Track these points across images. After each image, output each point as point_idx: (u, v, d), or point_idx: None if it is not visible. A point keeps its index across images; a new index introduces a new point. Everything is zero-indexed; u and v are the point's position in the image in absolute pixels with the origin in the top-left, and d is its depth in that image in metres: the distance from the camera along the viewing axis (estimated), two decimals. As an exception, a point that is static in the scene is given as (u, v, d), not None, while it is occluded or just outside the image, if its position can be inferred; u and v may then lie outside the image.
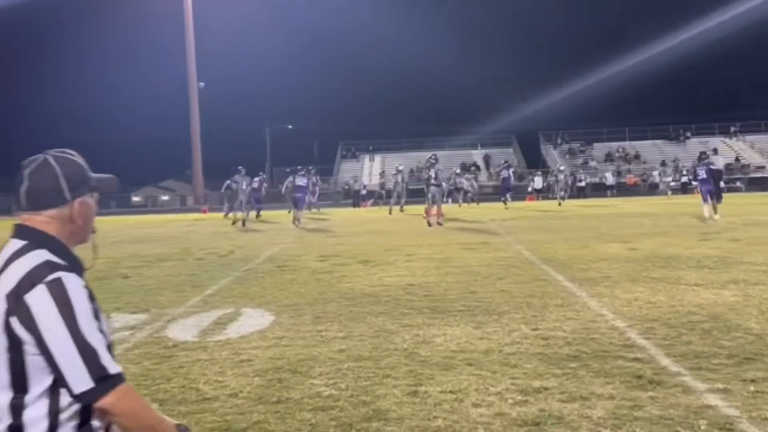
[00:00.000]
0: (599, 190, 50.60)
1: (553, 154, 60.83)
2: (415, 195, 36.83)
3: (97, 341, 1.78)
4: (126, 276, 11.26)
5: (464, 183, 41.98)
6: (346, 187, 55.22)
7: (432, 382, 4.94)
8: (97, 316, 1.84)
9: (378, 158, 63.26)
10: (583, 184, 49.57)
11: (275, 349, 6.10)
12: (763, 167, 54.07)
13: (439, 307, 7.66)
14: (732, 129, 61.31)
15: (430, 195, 22.01)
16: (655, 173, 51.91)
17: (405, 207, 32.07)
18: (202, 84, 60.06)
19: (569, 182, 48.24)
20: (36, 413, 1.77)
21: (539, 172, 50.49)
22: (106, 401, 1.75)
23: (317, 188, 37.68)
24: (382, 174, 48.98)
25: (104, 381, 1.75)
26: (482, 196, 43.43)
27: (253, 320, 7.38)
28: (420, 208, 26.11)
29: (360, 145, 66.05)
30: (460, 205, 37.42)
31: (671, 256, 11.09)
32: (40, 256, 1.83)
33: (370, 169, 60.94)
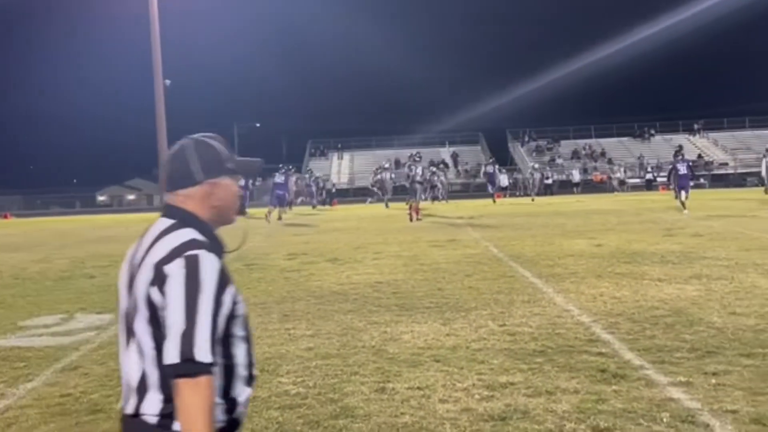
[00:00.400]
0: (566, 187, 51.05)
1: (520, 152, 61.26)
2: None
3: (204, 324, 1.76)
4: (91, 276, 11.12)
5: (436, 180, 42.13)
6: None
7: (399, 378, 4.96)
8: (219, 300, 1.82)
9: (347, 156, 63.19)
10: (550, 181, 49.97)
11: (242, 347, 6.07)
12: (726, 164, 55.03)
13: (406, 304, 7.69)
14: (695, 126, 62.32)
15: (412, 191, 22.82)
16: (621, 171, 52.55)
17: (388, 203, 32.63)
18: (167, 81, 59.33)
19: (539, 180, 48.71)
20: None
21: (503, 170, 50.90)
22: (180, 382, 1.73)
23: (313, 188, 40.18)
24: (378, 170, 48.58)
25: (187, 363, 1.72)
26: (451, 193, 43.59)
27: (221, 319, 7.33)
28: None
29: (329, 143, 65.92)
30: (432, 203, 37.62)
31: (636, 251, 11.25)
32: (188, 233, 1.89)
33: (339, 167, 60.87)
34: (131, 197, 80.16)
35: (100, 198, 77.07)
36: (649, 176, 52.65)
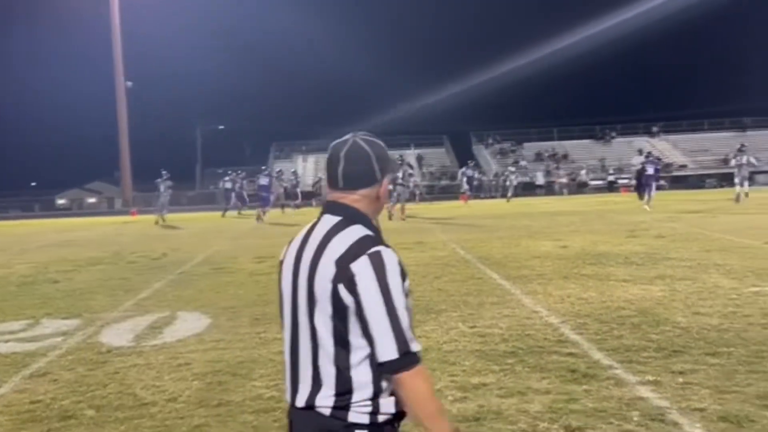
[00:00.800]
0: (529, 189, 51.55)
1: (484, 154, 61.69)
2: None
3: (405, 316, 1.86)
4: (55, 281, 10.95)
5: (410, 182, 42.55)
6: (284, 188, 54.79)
7: (373, 381, 4.97)
8: (404, 291, 1.90)
9: (311, 159, 63.02)
10: (514, 183, 50.41)
11: (214, 352, 6.05)
12: (685, 166, 56.04)
13: (377, 306, 7.69)
14: (654, 129, 63.40)
15: (395, 194, 23.86)
16: (583, 172, 53.26)
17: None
18: (129, 83, 58.69)
19: (504, 182, 49.12)
20: (362, 378, 1.88)
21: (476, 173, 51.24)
22: (404, 375, 1.83)
23: (298, 189, 40.42)
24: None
25: (407, 356, 1.83)
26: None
27: (190, 324, 7.30)
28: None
29: (293, 145, 65.68)
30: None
31: (601, 253, 11.41)
32: (360, 230, 1.95)
33: (304, 170, 60.67)
34: (92, 200, 78.80)
35: (60, 201, 75.61)
36: (610, 178, 53.44)
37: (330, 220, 2.00)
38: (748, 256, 10.17)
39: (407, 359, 1.83)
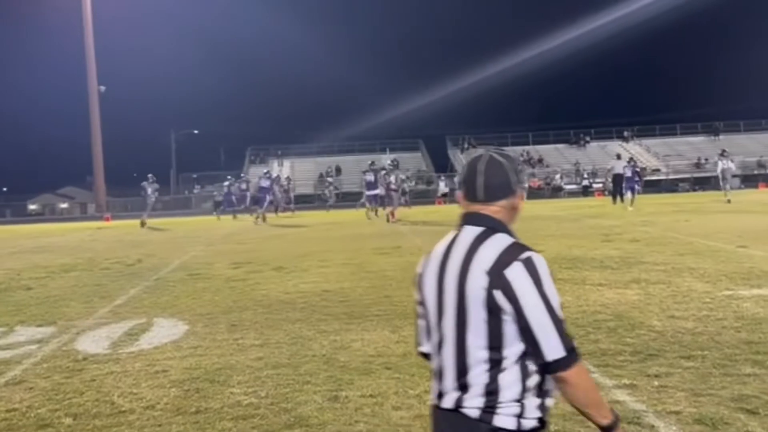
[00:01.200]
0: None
1: (460, 159, 61.91)
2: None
3: (561, 316, 1.98)
4: (29, 287, 10.82)
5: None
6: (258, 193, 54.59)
7: (352, 386, 4.98)
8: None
9: (287, 163, 62.89)
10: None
11: (191, 359, 6.01)
12: (658, 170, 56.70)
13: (355, 312, 7.71)
14: (625, 134, 64.13)
15: (388, 198, 25.27)
16: (558, 176, 53.65)
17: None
18: (102, 88, 58.12)
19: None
20: (511, 377, 1.97)
21: (442, 177, 51.62)
22: (569, 371, 1.95)
23: (292, 194, 42.17)
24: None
25: (572, 352, 1.96)
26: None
27: (167, 330, 7.25)
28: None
29: (269, 150, 65.49)
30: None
31: (576, 257, 11.51)
32: (506, 238, 2.07)
33: (279, 174, 60.47)
34: (64, 206, 77.93)
35: (32, 207, 74.72)
36: (585, 182, 53.90)
37: (473, 231, 2.11)
38: (721, 260, 10.31)
39: (573, 355, 1.96)
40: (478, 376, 1.99)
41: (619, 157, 41.74)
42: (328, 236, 19.10)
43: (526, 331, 1.94)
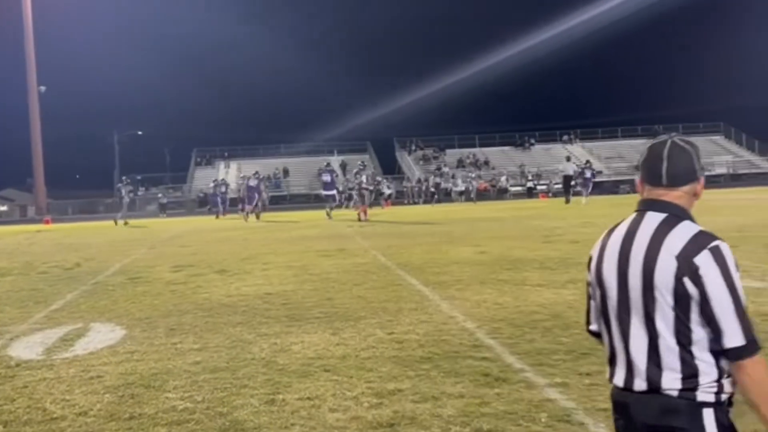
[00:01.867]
0: (451, 195, 52.28)
1: (407, 161, 62.25)
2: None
3: (745, 306, 2.01)
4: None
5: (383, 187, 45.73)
6: (201, 194, 54.08)
7: (289, 389, 4.98)
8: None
9: (234, 165, 62.31)
10: (434, 190, 51.09)
11: (127, 364, 5.93)
12: (600, 172, 57.83)
13: (296, 314, 7.70)
14: (565, 137, 65.39)
15: (358, 197, 27.16)
16: (503, 178, 54.32)
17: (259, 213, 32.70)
18: (42, 88, 56.74)
19: (425, 188, 49.72)
20: (706, 361, 2.02)
21: (387, 178, 51.86)
22: (747, 361, 1.98)
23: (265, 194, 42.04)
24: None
25: (752, 343, 1.99)
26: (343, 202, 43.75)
27: (103, 335, 7.13)
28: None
29: (215, 151, 64.82)
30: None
31: (517, 258, 11.69)
32: (692, 226, 2.09)
33: (226, 176, 59.90)
34: (3, 208, 75.78)
35: (-30, 209, 72.48)
36: (530, 184, 54.68)
37: (656, 217, 2.14)
38: (656, 260, 10.57)
39: (752, 346, 1.99)
40: (672, 359, 2.04)
41: (568, 159, 42.92)
42: (273, 238, 19.00)
43: (710, 318, 2.00)
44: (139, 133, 74.80)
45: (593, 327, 2.39)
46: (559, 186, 55.04)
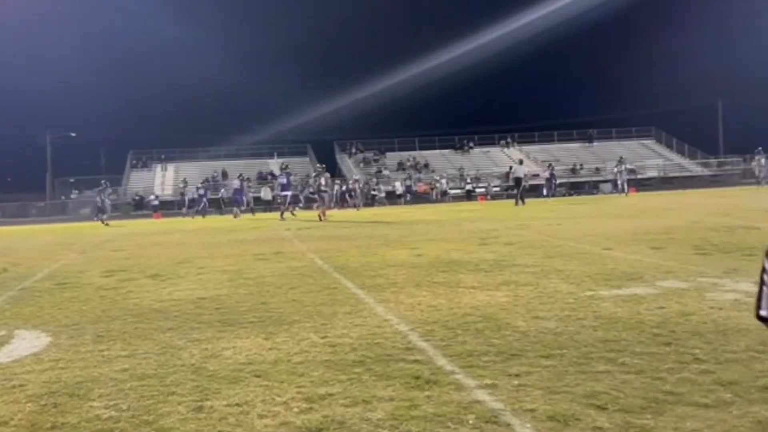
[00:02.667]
0: (391, 198, 52.49)
1: (348, 163, 62.24)
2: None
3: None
4: None
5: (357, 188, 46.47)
6: (137, 197, 53.04)
7: (218, 396, 4.91)
8: None
9: (171, 168, 61.33)
10: (375, 192, 51.21)
11: (51, 372, 5.76)
12: (537, 175, 58.88)
13: (229, 319, 7.61)
14: (501, 141, 66.48)
15: (320, 199, 29.27)
16: (443, 181, 54.78)
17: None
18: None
19: (365, 191, 49.75)
20: None
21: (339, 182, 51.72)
22: None
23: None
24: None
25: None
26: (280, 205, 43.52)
27: (28, 342, 6.91)
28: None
29: (152, 154, 63.66)
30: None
31: (453, 260, 11.78)
32: None
33: (163, 179, 58.93)
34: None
35: None
36: (469, 187, 55.28)
37: None
38: (587, 262, 10.82)
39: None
40: None
41: (521, 162, 43.75)
42: (210, 242, 18.75)
43: None
44: (73, 135, 72.84)
45: (763, 312, 2.44)
46: (498, 189, 56.02)
